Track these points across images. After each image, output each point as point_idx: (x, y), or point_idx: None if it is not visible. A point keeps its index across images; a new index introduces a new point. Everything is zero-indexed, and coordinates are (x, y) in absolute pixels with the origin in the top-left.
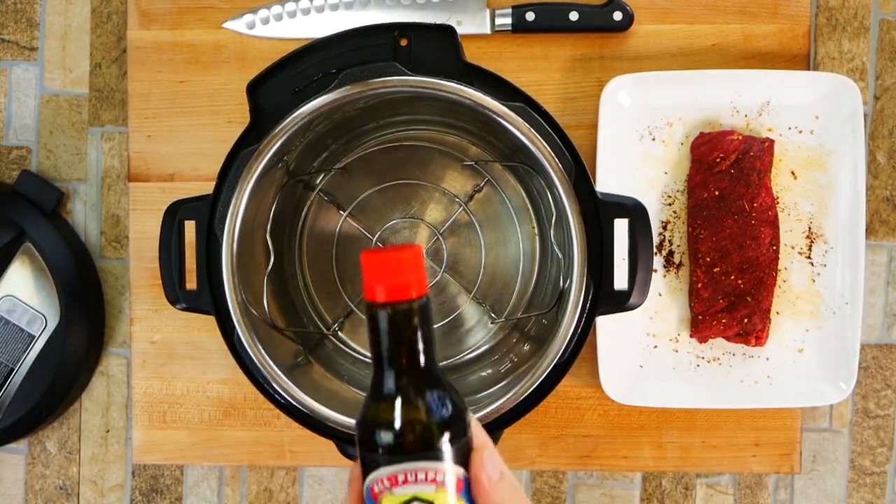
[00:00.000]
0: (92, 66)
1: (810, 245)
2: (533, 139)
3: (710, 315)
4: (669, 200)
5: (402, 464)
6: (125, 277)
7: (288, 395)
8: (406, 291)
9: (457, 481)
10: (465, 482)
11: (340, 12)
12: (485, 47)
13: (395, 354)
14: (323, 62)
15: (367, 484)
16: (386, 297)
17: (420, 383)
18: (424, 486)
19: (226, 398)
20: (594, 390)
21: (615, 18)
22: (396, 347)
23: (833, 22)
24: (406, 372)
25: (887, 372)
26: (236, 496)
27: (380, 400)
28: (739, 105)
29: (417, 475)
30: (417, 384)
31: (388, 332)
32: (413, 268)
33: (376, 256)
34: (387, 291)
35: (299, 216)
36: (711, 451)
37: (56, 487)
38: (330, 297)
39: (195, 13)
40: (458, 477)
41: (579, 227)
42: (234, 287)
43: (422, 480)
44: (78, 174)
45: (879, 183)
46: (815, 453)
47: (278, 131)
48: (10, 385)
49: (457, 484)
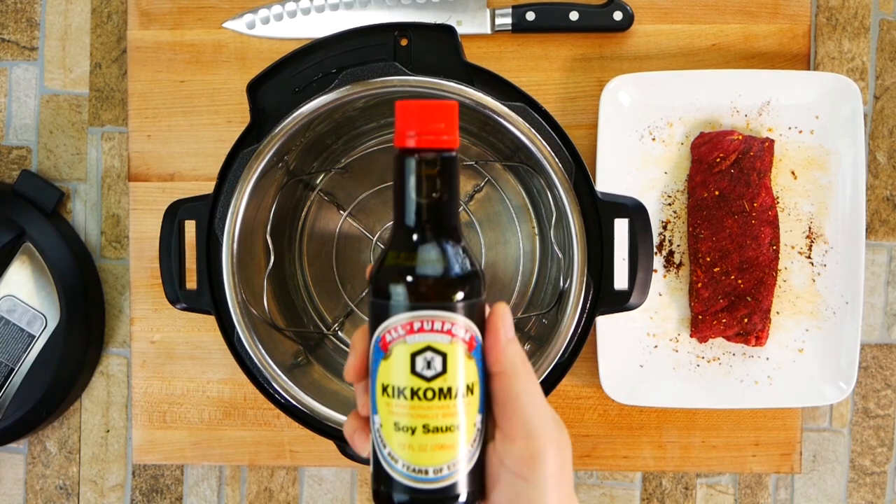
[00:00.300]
0: (92, 66)
1: (810, 245)
2: (533, 139)
3: (710, 315)
4: (669, 200)
5: (419, 311)
6: (125, 277)
7: (288, 395)
8: (438, 140)
9: (470, 338)
10: (476, 343)
11: (340, 12)
12: (485, 47)
13: (419, 204)
14: (323, 62)
15: (377, 335)
16: (417, 143)
17: (442, 235)
18: (439, 336)
19: (226, 398)
20: (594, 390)
21: (615, 18)
22: (422, 197)
23: (833, 22)
24: (429, 222)
25: (887, 372)
26: (236, 496)
27: (400, 249)
28: (739, 105)
29: (434, 323)
30: (440, 235)
31: (416, 181)
32: (447, 118)
33: (412, 103)
34: (418, 138)
35: (299, 216)
36: (711, 451)
37: (56, 487)
38: (330, 297)
39: (195, 13)
40: (472, 334)
41: (579, 227)
42: (234, 287)
43: (437, 330)
44: (78, 174)
45: (879, 183)
46: (815, 453)
47: (278, 131)
48: (10, 385)
49: (469, 341)
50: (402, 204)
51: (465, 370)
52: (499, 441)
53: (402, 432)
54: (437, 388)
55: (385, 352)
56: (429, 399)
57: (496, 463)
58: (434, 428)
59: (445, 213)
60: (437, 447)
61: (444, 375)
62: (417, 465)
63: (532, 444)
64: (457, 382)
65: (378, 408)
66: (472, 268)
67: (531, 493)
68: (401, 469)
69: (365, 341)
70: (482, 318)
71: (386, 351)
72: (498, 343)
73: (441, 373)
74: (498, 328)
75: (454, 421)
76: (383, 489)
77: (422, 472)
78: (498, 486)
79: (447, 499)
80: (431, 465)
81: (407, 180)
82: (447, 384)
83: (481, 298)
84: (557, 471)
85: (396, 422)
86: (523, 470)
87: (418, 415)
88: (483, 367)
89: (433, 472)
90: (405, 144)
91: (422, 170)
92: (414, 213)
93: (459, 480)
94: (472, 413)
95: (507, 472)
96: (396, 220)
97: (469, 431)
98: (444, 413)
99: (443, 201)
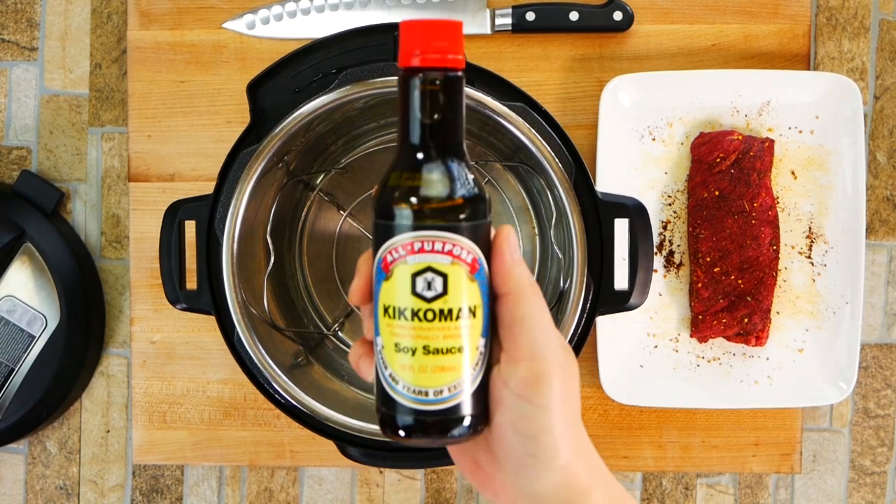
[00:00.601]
0: (92, 66)
1: (810, 245)
2: (533, 139)
3: (711, 315)
4: (669, 200)
5: (420, 231)
6: (125, 277)
7: (288, 395)
8: (443, 59)
9: (472, 260)
10: (480, 266)
11: (340, 12)
12: (485, 47)
13: (423, 124)
14: (323, 62)
15: (379, 256)
16: (421, 62)
17: (446, 154)
18: (440, 257)
19: (226, 398)
20: (594, 390)
21: (615, 18)
22: (426, 116)
23: (833, 22)
24: (433, 142)
25: (887, 372)
26: (236, 496)
27: (403, 168)
28: (739, 105)
29: (434, 244)
30: (444, 155)
31: (420, 100)
32: (452, 37)
33: (416, 22)
34: (423, 57)
35: (299, 216)
36: (711, 451)
37: (56, 487)
38: (330, 297)
39: (195, 13)
40: (474, 256)
41: (579, 227)
42: (234, 287)
43: (438, 250)
44: (78, 174)
45: (879, 183)
46: (815, 453)
47: (278, 131)
48: (10, 385)
49: (472, 263)
50: (407, 124)
51: (467, 292)
52: (504, 364)
53: (402, 353)
54: (437, 310)
55: (386, 272)
56: (429, 320)
57: (500, 386)
58: (434, 349)
59: (450, 132)
60: (438, 368)
61: (445, 297)
62: (417, 385)
63: (537, 365)
64: (458, 304)
65: (380, 329)
66: (476, 189)
67: (536, 415)
68: (401, 390)
69: (369, 263)
70: (487, 241)
71: (387, 272)
72: (504, 263)
73: (441, 294)
74: (503, 249)
75: (455, 343)
76: (385, 411)
77: (422, 394)
78: (502, 408)
79: (450, 421)
80: (432, 386)
81: (411, 100)
82: (448, 305)
83: (486, 221)
84: (563, 394)
85: (398, 343)
86: (528, 392)
87: (419, 336)
88: (487, 290)
89: (434, 394)
90: (410, 64)
91: (427, 89)
92: (418, 132)
93: (462, 402)
94: (475, 336)
95: (511, 395)
96: (400, 140)
97: (472, 354)
98: (445, 335)
99: (448, 121)
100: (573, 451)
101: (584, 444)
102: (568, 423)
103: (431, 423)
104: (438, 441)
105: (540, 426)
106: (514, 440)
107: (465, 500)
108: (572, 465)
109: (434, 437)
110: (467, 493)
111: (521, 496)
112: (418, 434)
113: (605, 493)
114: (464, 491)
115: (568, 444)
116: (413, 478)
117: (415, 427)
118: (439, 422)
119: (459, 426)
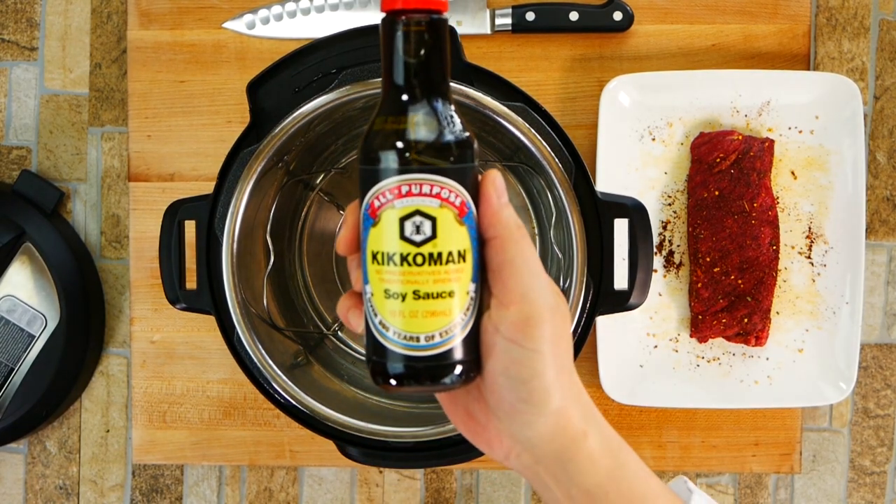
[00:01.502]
0: (92, 66)
1: (810, 245)
2: (533, 139)
3: (710, 315)
4: (669, 200)
5: (407, 174)
6: (125, 277)
7: (288, 395)
8: (427, 1)
9: (461, 203)
10: (468, 209)
11: (340, 12)
12: (485, 47)
13: (407, 66)
14: (323, 62)
15: (366, 202)
16: (404, 3)
17: (431, 98)
18: (428, 200)
19: (226, 398)
20: (594, 390)
21: (615, 18)
22: (410, 58)
23: (833, 22)
24: (417, 86)
25: (887, 372)
26: (236, 496)
27: (388, 113)
28: (739, 105)
29: (422, 187)
30: (429, 98)
31: (403, 43)
32: None
33: None
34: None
35: (299, 216)
36: (711, 451)
37: (56, 487)
38: (330, 297)
39: (195, 13)
40: (462, 200)
41: (579, 227)
42: (234, 287)
43: (426, 193)
44: (78, 174)
45: (879, 183)
46: (815, 453)
47: (278, 131)
48: (10, 385)
49: (460, 206)
50: (391, 67)
51: (456, 235)
52: (494, 308)
53: (392, 299)
54: (426, 254)
55: (374, 218)
56: (418, 264)
57: (491, 331)
58: (425, 294)
59: (434, 75)
60: (429, 313)
61: (434, 240)
62: (408, 331)
63: (527, 307)
64: (447, 247)
65: (369, 277)
66: (463, 133)
67: (527, 358)
68: (392, 337)
69: (356, 213)
70: (475, 185)
71: (375, 217)
72: (491, 206)
73: (430, 237)
74: (490, 192)
75: (445, 287)
76: (376, 359)
77: (413, 339)
78: (493, 353)
79: (441, 367)
80: (423, 331)
81: (395, 43)
82: (437, 249)
83: (473, 164)
84: (554, 337)
85: (387, 289)
86: (518, 335)
87: (408, 281)
88: (476, 234)
89: (425, 339)
90: (393, 6)
91: (411, 30)
92: (403, 74)
93: (454, 348)
94: (465, 280)
95: (502, 339)
96: (385, 85)
97: (462, 299)
98: (435, 279)
99: (433, 62)
100: (566, 395)
101: (577, 389)
102: (559, 368)
103: (423, 369)
104: (430, 388)
105: (531, 370)
106: (505, 385)
107: (465, 499)
108: (565, 409)
109: (426, 384)
110: (467, 493)
111: (516, 444)
112: (410, 381)
113: (599, 437)
114: (463, 491)
115: (560, 389)
116: (413, 478)
117: (406, 374)
118: (431, 368)
119: (451, 372)
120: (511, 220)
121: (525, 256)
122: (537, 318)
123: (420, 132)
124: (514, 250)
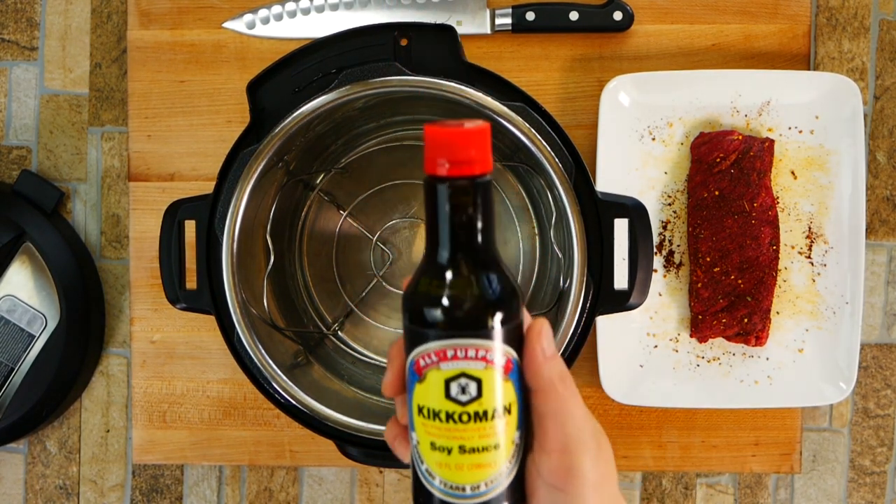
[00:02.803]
0: (92, 66)
1: (810, 245)
2: (533, 139)
3: (710, 315)
4: (669, 200)
5: (452, 339)
6: (125, 277)
7: (288, 395)
8: (469, 167)
9: (506, 361)
10: (514, 364)
11: (340, 12)
12: (485, 47)
13: (452, 231)
14: (323, 62)
15: (411, 358)
16: (448, 171)
17: (476, 261)
18: (473, 363)
19: (226, 398)
20: (594, 390)
21: (615, 18)
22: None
23: (833, 22)
24: (462, 249)
25: (887, 372)
26: (236, 496)
27: (433, 275)
28: (739, 105)
29: (468, 351)
30: (474, 262)
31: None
32: (479, 144)
33: (442, 130)
34: (450, 166)
35: (299, 216)
36: (711, 450)
37: (56, 487)
38: (330, 297)
39: (195, 13)
40: (508, 357)
41: (579, 227)
42: (234, 287)
43: (471, 357)
44: (78, 174)
45: (879, 183)
46: (815, 453)
47: (278, 131)
48: (10, 385)
49: (506, 364)
50: (435, 230)
51: (501, 393)
52: (537, 452)
53: (438, 451)
54: (472, 412)
55: (420, 375)
56: (464, 422)
57: (535, 473)
58: (470, 448)
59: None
60: (474, 466)
61: (480, 399)
62: (454, 482)
63: (567, 458)
64: (493, 405)
65: (415, 426)
66: (507, 291)
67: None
68: (438, 486)
69: (401, 357)
70: (520, 335)
71: (420, 375)
72: (535, 361)
73: (476, 397)
74: (535, 346)
75: (490, 441)
76: (423, 501)
77: (459, 489)
78: (537, 496)
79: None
80: (469, 482)
81: (439, 207)
82: (483, 407)
83: (518, 320)
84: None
85: (433, 442)
86: (560, 482)
87: (454, 437)
88: (521, 384)
89: (470, 489)
90: (436, 172)
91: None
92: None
93: (498, 496)
94: (510, 431)
95: (544, 484)
96: (429, 244)
97: (507, 449)
98: (481, 435)
99: (475, 227)
100: None
101: None
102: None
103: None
104: None
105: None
106: None
107: None
108: None
109: None
110: None
111: None
112: None
113: None
114: None
115: None
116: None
117: None
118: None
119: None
120: (554, 372)
121: (567, 409)
122: (578, 467)
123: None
124: (557, 404)
